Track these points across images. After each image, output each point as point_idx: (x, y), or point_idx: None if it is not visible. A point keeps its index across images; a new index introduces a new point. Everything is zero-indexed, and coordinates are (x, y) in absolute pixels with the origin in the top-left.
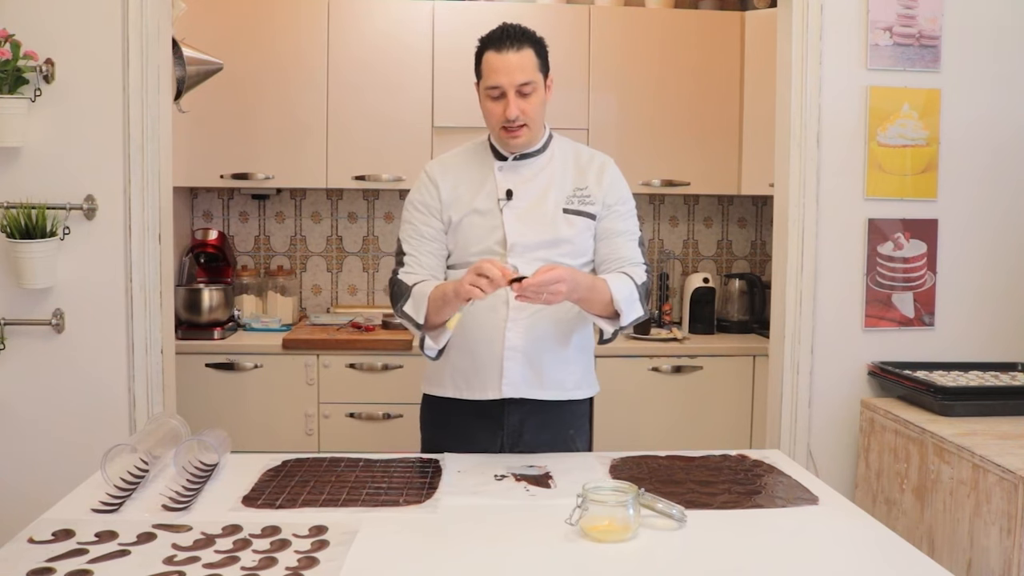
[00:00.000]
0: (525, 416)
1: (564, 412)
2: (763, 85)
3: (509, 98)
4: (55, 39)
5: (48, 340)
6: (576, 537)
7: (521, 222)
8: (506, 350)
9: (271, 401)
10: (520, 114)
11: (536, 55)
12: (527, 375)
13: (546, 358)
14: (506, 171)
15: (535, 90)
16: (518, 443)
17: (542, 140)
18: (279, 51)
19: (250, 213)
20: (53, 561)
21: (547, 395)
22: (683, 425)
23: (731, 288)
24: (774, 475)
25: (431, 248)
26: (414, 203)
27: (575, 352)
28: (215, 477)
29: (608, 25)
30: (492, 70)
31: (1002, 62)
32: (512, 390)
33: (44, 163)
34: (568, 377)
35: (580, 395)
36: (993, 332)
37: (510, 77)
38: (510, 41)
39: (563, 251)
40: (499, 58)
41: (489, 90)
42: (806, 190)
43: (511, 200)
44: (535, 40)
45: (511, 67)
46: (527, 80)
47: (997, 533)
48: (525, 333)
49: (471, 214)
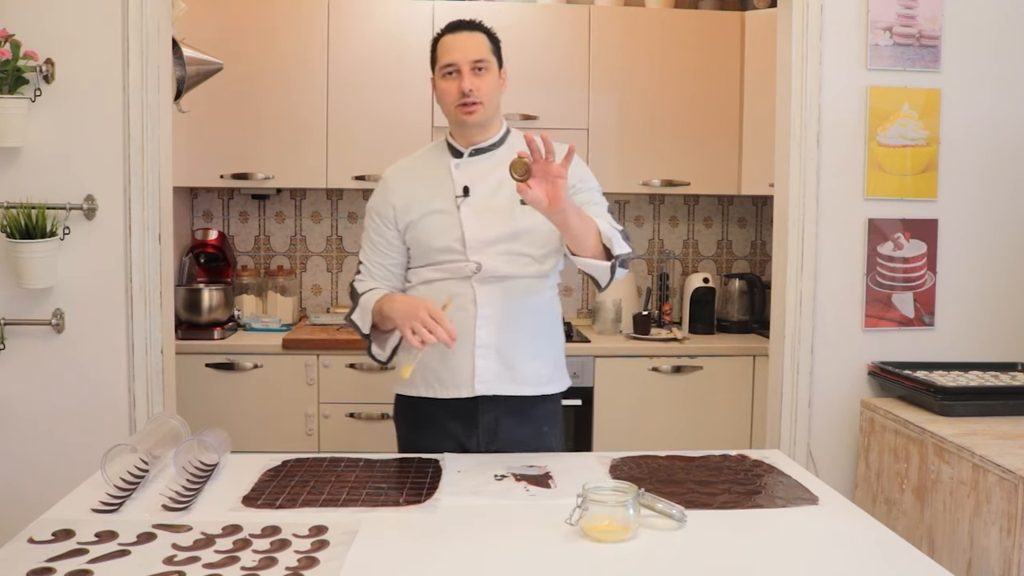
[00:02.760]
0: (500, 414)
1: (538, 408)
2: (763, 85)
3: (463, 74)
4: (55, 39)
5: (48, 340)
6: (576, 537)
7: (478, 218)
8: (477, 348)
9: (271, 401)
10: (474, 89)
11: (489, 40)
12: (500, 371)
13: (518, 354)
14: (463, 168)
15: (489, 69)
16: (494, 440)
17: (499, 134)
18: (279, 51)
19: (250, 213)
20: (53, 561)
21: (521, 390)
22: (683, 425)
23: (731, 288)
24: (774, 475)
25: (380, 258)
26: (369, 210)
27: (546, 346)
28: (215, 477)
29: (608, 25)
30: (446, 50)
31: (1002, 62)
32: (485, 387)
33: (44, 163)
34: (541, 371)
35: (553, 389)
36: (993, 332)
37: (464, 54)
38: (463, 26)
39: (524, 242)
40: (453, 38)
41: (444, 68)
42: (806, 190)
43: (468, 197)
44: (488, 30)
45: (465, 45)
46: (481, 57)
47: (997, 533)
48: (496, 330)
49: (430, 214)
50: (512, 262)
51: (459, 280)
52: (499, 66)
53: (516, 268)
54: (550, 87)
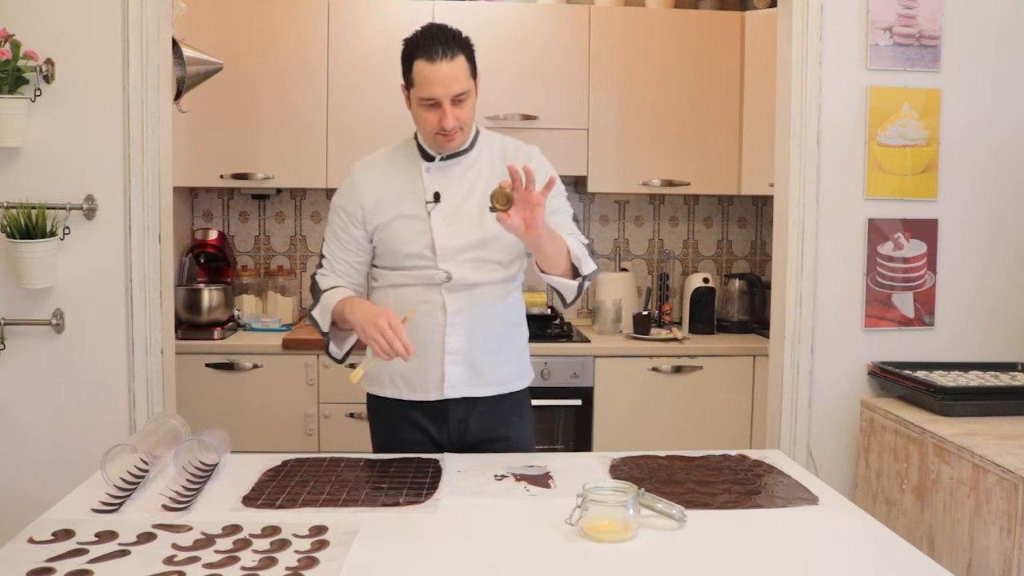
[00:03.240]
0: (468, 410)
1: (505, 402)
2: (763, 85)
3: (444, 108)
4: (55, 39)
5: (48, 340)
6: (576, 537)
7: (448, 225)
8: (447, 355)
9: (271, 401)
10: (456, 121)
11: (467, 60)
12: (467, 376)
13: (485, 358)
14: (434, 172)
15: (468, 97)
16: (465, 433)
17: (468, 140)
18: (279, 51)
19: (250, 213)
20: (53, 561)
21: (487, 391)
22: (683, 425)
23: (731, 288)
24: (774, 475)
25: (345, 255)
26: (336, 207)
27: (510, 348)
28: (215, 477)
29: (608, 25)
30: (426, 82)
31: (1002, 62)
32: (454, 391)
33: (44, 163)
34: (507, 372)
35: (518, 386)
36: (993, 332)
37: (446, 89)
38: (442, 49)
39: (492, 249)
40: (432, 69)
41: (423, 100)
42: (806, 190)
43: (439, 203)
44: (465, 45)
45: (446, 79)
46: (462, 90)
47: (997, 533)
48: (465, 336)
49: (399, 218)
50: (480, 269)
51: (428, 287)
52: (475, 79)
53: (484, 275)
54: (550, 87)
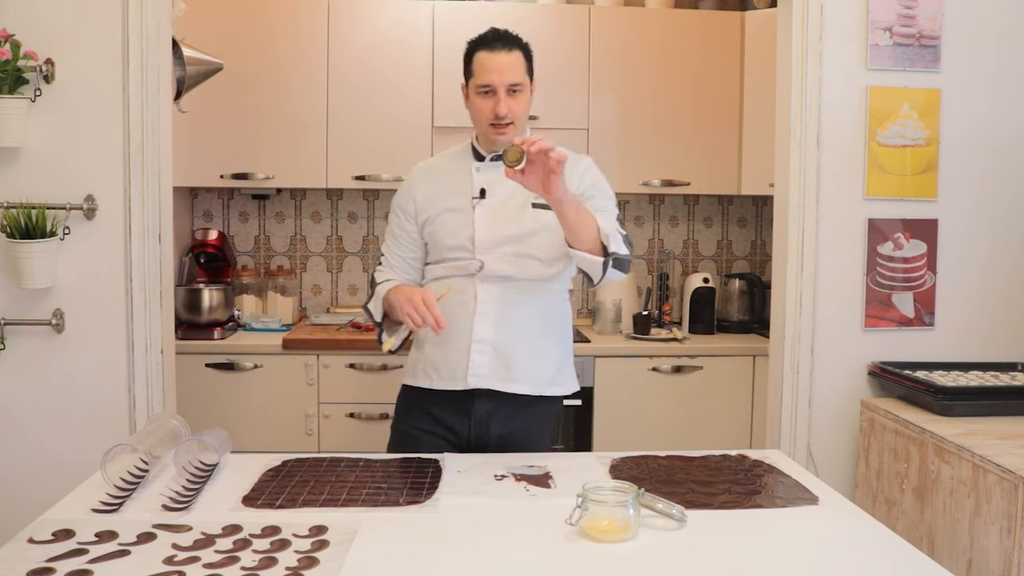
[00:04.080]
0: (494, 408)
1: (533, 407)
2: (763, 85)
3: (500, 96)
4: (55, 39)
5: (48, 340)
6: (576, 537)
7: (490, 219)
8: (474, 342)
9: (271, 401)
10: (509, 112)
11: (524, 58)
12: (495, 368)
13: (517, 351)
14: (483, 171)
15: (523, 91)
16: (485, 433)
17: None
18: (279, 51)
19: (250, 213)
20: (53, 561)
21: (517, 388)
22: (683, 425)
23: (731, 288)
24: (774, 475)
25: (400, 251)
26: (394, 206)
27: (550, 346)
28: (215, 477)
29: (608, 25)
30: (484, 69)
31: (1002, 62)
32: (478, 381)
33: (44, 163)
34: (541, 372)
35: (553, 392)
36: (993, 332)
37: (501, 76)
38: (501, 43)
39: (530, 245)
40: (491, 57)
41: (480, 88)
42: (806, 190)
43: (484, 199)
44: (523, 45)
45: (502, 67)
46: (517, 81)
47: (997, 533)
48: (495, 326)
49: (446, 212)
50: (516, 263)
51: (463, 277)
52: (531, 79)
53: (520, 269)
54: (550, 87)
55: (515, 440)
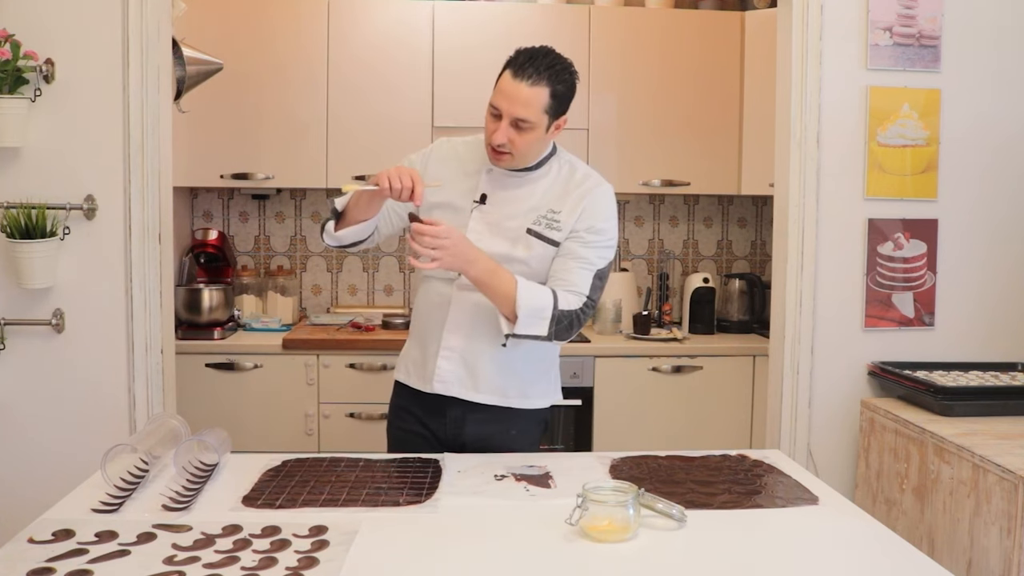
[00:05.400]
0: (465, 412)
1: (506, 415)
2: (763, 85)
3: (502, 125)
4: (55, 39)
5: (48, 340)
6: (576, 537)
7: (484, 228)
8: (442, 349)
9: (271, 401)
10: (506, 142)
11: (551, 96)
12: (461, 376)
13: (485, 362)
14: (493, 176)
15: (531, 129)
16: (460, 434)
17: (541, 156)
18: (279, 51)
19: (250, 213)
20: (53, 561)
21: (482, 399)
22: (683, 425)
23: (731, 288)
24: (774, 475)
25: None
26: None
27: (521, 361)
28: (215, 477)
29: (608, 25)
30: (499, 91)
31: (1002, 62)
32: (443, 388)
33: (44, 163)
34: (510, 385)
35: (521, 405)
36: (993, 332)
37: (510, 106)
38: (531, 71)
39: (515, 270)
40: (511, 83)
41: (491, 107)
42: (806, 190)
43: (483, 204)
44: (558, 81)
45: (515, 98)
46: (525, 118)
47: (997, 533)
48: (464, 335)
49: (445, 207)
50: None
51: (444, 281)
52: (552, 119)
53: None
54: None
55: (494, 443)
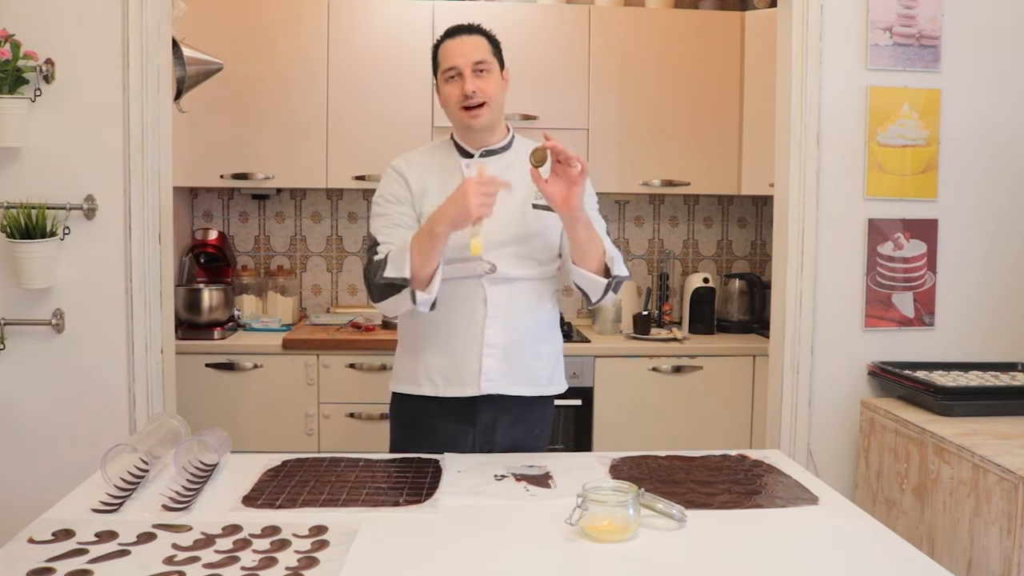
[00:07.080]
0: (498, 414)
1: (534, 409)
2: (763, 85)
3: (465, 76)
4: (55, 39)
5: (48, 340)
6: (576, 537)
7: (495, 219)
8: (486, 347)
9: (271, 401)
10: (476, 90)
11: (488, 41)
12: (505, 371)
13: (523, 354)
14: (473, 168)
15: (490, 70)
16: (489, 441)
17: (506, 138)
18: (279, 51)
19: (250, 213)
20: (53, 561)
21: (523, 390)
22: (683, 425)
23: (731, 288)
24: (774, 475)
25: (404, 233)
26: (385, 196)
27: (547, 349)
28: (215, 477)
29: (608, 25)
30: (447, 54)
31: (1002, 62)
32: (491, 386)
33: (44, 163)
34: (541, 372)
35: (551, 391)
36: (993, 332)
37: (465, 57)
38: (463, 30)
39: (533, 246)
40: (453, 43)
41: (445, 72)
42: (806, 190)
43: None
44: (487, 32)
45: (465, 48)
46: (481, 59)
47: (997, 533)
48: (504, 330)
49: None
50: (521, 264)
51: (470, 280)
52: (501, 67)
53: (524, 270)
54: (550, 87)
55: (520, 444)
